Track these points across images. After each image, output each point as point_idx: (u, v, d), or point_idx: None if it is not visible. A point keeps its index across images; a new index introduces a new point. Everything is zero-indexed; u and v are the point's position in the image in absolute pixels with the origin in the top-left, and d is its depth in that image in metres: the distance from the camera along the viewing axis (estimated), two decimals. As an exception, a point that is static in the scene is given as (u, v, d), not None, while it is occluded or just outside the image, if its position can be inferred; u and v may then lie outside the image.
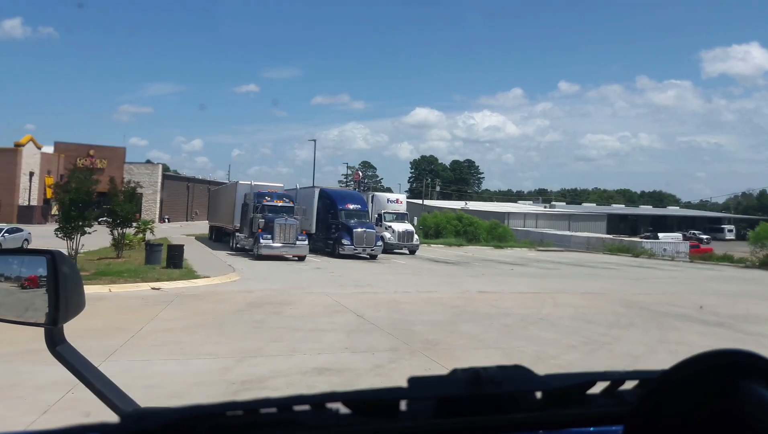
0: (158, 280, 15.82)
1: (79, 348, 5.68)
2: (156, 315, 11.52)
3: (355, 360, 8.72)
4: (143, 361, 8.17)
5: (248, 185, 30.97)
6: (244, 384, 7.28)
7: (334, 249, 28.71)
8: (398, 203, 36.91)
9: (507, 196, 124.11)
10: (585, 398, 0.87)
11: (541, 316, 13.19)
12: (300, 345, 9.54)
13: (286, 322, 11.50)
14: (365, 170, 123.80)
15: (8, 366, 7.60)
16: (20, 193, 48.96)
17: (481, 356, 9.33)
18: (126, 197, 22.14)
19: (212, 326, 10.94)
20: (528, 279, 21.69)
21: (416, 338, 10.44)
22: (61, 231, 17.71)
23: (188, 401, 3.22)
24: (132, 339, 9.40)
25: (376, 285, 17.99)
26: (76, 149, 56.54)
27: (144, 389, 6.86)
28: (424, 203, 64.65)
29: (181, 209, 66.46)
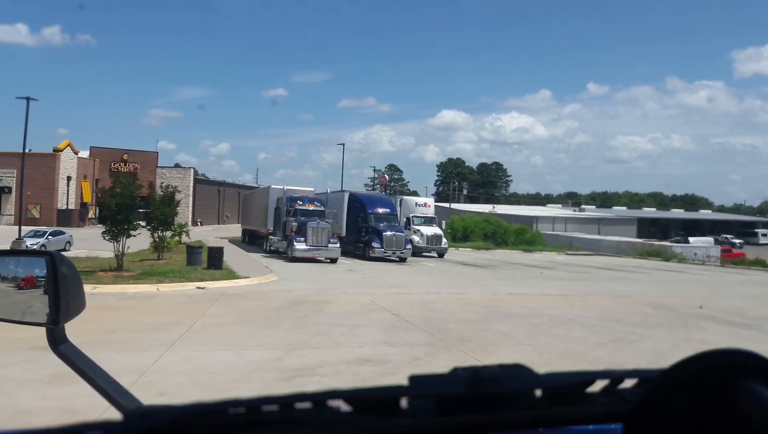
0: (202, 280, 16.68)
1: (141, 340, 6.84)
2: (205, 312, 12.30)
3: (394, 353, 9.33)
4: (202, 351, 8.90)
5: (281, 189, 31.80)
6: (296, 371, 7.95)
7: (365, 252, 29.39)
8: (426, 207, 37.46)
9: (535, 199, 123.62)
10: (585, 396, 0.87)
11: (570, 316, 13.64)
12: (342, 339, 10.19)
13: (327, 319, 12.17)
14: (392, 173, 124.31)
15: (89, 354, 8.35)
16: (59, 197, 50.66)
17: (513, 352, 9.86)
18: (165, 201, 23.08)
19: (259, 321, 11.68)
20: (557, 282, 22.07)
21: (450, 334, 11.01)
22: (108, 233, 18.68)
23: (248, 386, 4.16)
24: (187, 333, 10.14)
25: (408, 286, 18.59)
26: (111, 154, 58.38)
27: (208, 375, 7.63)
28: (451, 207, 65.03)
29: (213, 212, 67.91)
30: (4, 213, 49.50)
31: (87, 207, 53.87)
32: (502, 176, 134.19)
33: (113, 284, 15.24)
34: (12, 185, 49.23)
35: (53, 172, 49.77)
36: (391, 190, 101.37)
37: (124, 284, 15.31)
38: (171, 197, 23.24)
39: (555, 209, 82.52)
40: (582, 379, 0.86)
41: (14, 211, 48.95)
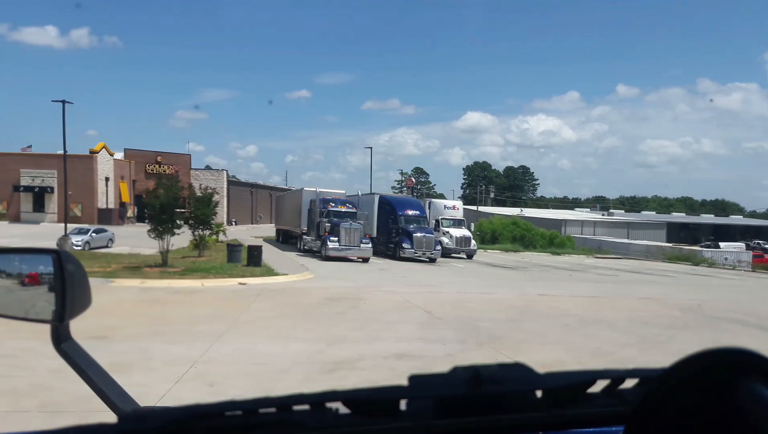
0: (243, 276, 17.43)
1: (191, 332, 7.73)
2: (249, 306, 12.97)
3: (429, 349, 9.82)
4: (248, 343, 9.51)
5: (313, 191, 32.59)
6: (336, 364, 8.49)
7: (395, 252, 29.99)
8: (455, 210, 37.96)
9: (563, 203, 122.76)
10: (586, 397, 0.87)
11: (599, 318, 13.96)
12: (379, 334, 10.73)
13: (363, 315, 12.73)
14: (418, 176, 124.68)
15: (139, 344, 9.05)
16: (98, 197, 52.31)
17: (543, 350, 10.27)
18: (204, 201, 23.92)
19: (300, 316, 12.30)
20: (586, 284, 22.30)
21: (482, 332, 11.47)
22: (153, 232, 19.56)
23: (293, 377, 4.94)
24: (233, 325, 10.79)
25: (439, 286, 19.06)
26: (145, 156, 59.99)
27: (255, 366, 8.22)
28: (478, 210, 65.18)
29: (246, 212, 69.22)
30: (47, 212, 51.32)
31: (125, 206, 55.52)
32: (529, 180, 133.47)
33: (160, 279, 16.08)
34: (54, 185, 51.09)
35: (91, 173, 51.39)
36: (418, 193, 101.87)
37: (170, 280, 16.14)
38: (209, 197, 24.08)
39: (583, 212, 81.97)
40: (583, 379, 0.86)
41: (56, 210, 50.85)
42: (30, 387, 6.57)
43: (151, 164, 59.30)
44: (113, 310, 11.58)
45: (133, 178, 58.23)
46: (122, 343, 8.86)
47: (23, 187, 51.47)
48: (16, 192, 51.47)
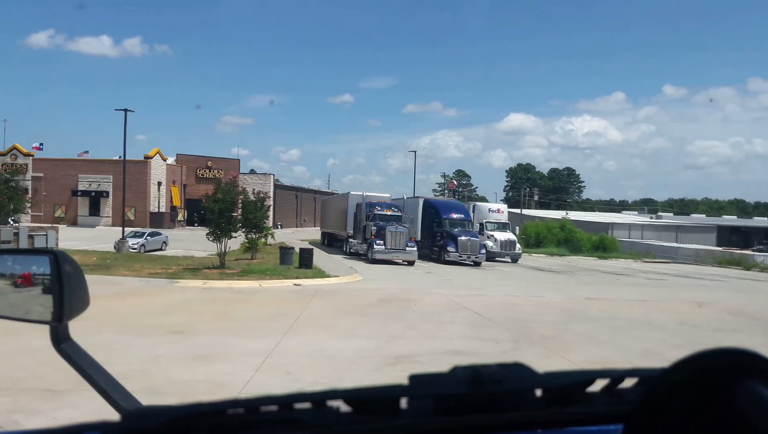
0: (297, 278, 18.20)
1: (259, 328, 8.76)
2: (307, 305, 13.63)
3: (483, 347, 10.25)
4: (313, 338, 10.14)
5: (360, 195, 33.23)
6: (398, 358, 9.02)
7: (440, 256, 30.33)
8: (500, 213, 38.07)
9: (609, 205, 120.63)
10: (585, 396, 0.88)
11: (647, 320, 14.13)
12: (433, 333, 11.22)
13: (416, 315, 13.24)
14: (460, 178, 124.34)
15: (215, 338, 9.77)
16: (151, 201, 54.28)
17: (593, 350, 10.60)
18: (256, 206, 24.81)
19: (356, 315, 12.90)
20: (634, 288, 22.29)
21: (533, 333, 11.83)
22: (212, 235, 20.52)
23: (361, 368, 5.70)
24: (296, 322, 11.44)
25: (486, 289, 19.42)
26: (196, 161, 61.89)
27: (324, 358, 8.82)
28: (522, 213, 64.94)
29: (291, 216, 70.59)
30: (102, 215, 53.55)
31: (176, 210, 57.46)
32: (575, 182, 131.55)
33: (220, 280, 16.95)
34: (109, 190, 53.28)
35: (145, 178, 53.36)
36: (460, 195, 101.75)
37: (230, 281, 16.99)
38: (262, 202, 24.97)
39: (631, 216, 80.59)
40: (582, 379, 0.86)
41: (111, 213, 53.04)
42: (129, 373, 7.29)
43: (201, 169, 61.18)
44: (183, 308, 12.40)
45: (184, 182, 60.20)
46: (200, 337, 9.61)
47: (81, 191, 53.75)
48: (74, 197, 53.81)
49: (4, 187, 27.97)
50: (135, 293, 14.71)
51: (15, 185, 29.01)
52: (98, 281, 16.64)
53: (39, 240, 21.66)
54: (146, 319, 11.27)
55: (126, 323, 10.62)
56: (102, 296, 13.81)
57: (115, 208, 52.30)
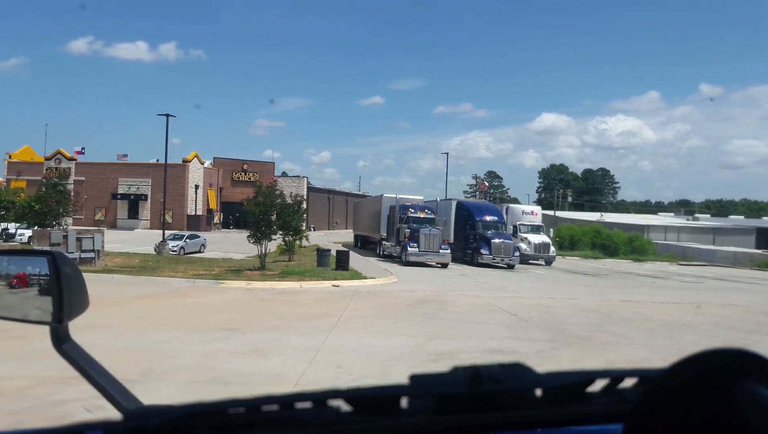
0: (335, 279, 18.73)
1: (305, 326, 9.51)
2: (347, 306, 14.11)
3: (520, 346, 10.57)
4: (356, 336, 10.59)
5: (393, 198, 33.68)
6: (439, 355, 9.41)
7: (473, 258, 30.53)
8: (533, 215, 38.05)
9: (645, 207, 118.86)
10: (585, 396, 0.88)
11: (683, 322, 14.23)
12: (471, 333, 11.57)
13: (452, 316, 13.60)
14: (491, 179, 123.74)
15: (266, 335, 10.30)
16: (188, 204, 55.61)
17: (629, 350, 10.81)
18: (294, 208, 25.43)
19: (394, 315, 13.32)
20: (669, 291, 22.25)
21: (569, 334, 12.08)
22: (253, 237, 21.21)
23: (405, 364, 6.25)
24: (339, 322, 11.91)
25: (521, 291, 19.64)
26: (232, 164, 63.12)
27: (369, 355, 9.27)
28: (555, 214, 64.58)
29: (324, 218, 71.46)
30: (141, 218, 55.05)
31: (212, 213, 58.76)
32: (609, 183, 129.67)
33: (262, 281, 17.58)
34: (148, 193, 54.77)
35: (183, 181, 54.67)
36: (491, 197, 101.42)
37: (271, 282, 17.62)
38: (299, 205, 25.59)
39: (666, 217, 79.38)
40: (582, 378, 0.87)
41: (149, 216, 54.54)
42: (194, 365, 7.86)
43: (237, 172, 62.40)
44: (232, 308, 13.01)
45: (220, 185, 61.51)
46: (252, 334, 10.16)
47: (120, 195, 55.30)
48: (113, 200, 55.40)
49: (53, 191, 29.13)
50: (184, 294, 15.41)
51: (63, 189, 30.14)
52: (147, 281, 17.45)
53: (86, 243, 22.55)
54: (199, 317, 11.91)
55: (181, 321, 11.26)
56: (153, 296, 14.57)
57: (153, 211, 53.85)
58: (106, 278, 17.64)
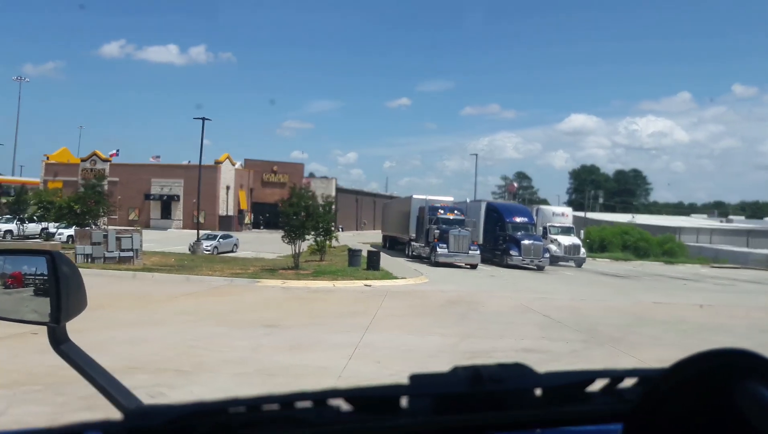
0: (367, 279, 19.10)
1: (341, 324, 10.13)
2: (380, 305, 14.42)
3: (554, 346, 10.75)
4: (392, 334, 10.90)
5: (422, 199, 33.86)
6: (473, 353, 9.65)
7: (502, 259, 30.57)
8: (564, 217, 37.90)
9: (678, 208, 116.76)
10: (585, 395, 0.88)
11: (716, 324, 14.21)
12: (503, 332, 11.78)
13: (484, 317, 13.82)
14: (520, 180, 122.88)
15: (305, 332, 10.68)
16: (220, 204, 56.63)
17: (661, 351, 10.88)
18: (325, 209, 25.87)
19: (427, 315, 13.60)
20: (702, 293, 22.08)
21: (601, 334, 12.22)
22: (287, 237, 21.70)
23: (441, 361, 6.60)
24: (374, 320, 12.22)
25: (551, 293, 19.74)
26: (262, 165, 64.05)
27: (405, 352, 9.56)
28: (586, 216, 64.05)
29: (351, 219, 72.01)
30: (173, 219, 56.24)
31: (243, 213, 59.76)
32: (641, 184, 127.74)
33: (297, 280, 18.02)
34: (180, 194, 55.94)
35: (215, 182, 55.65)
36: (520, 198, 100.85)
37: (305, 281, 18.05)
38: (330, 206, 26.03)
39: (699, 219, 78.09)
40: (582, 378, 0.87)
41: (182, 217, 55.69)
42: (240, 358, 8.26)
43: (267, 173, 63.34)
44: (270, 305, 13.44)
45: (251, 186, 62.50)
46: (292, 330, 10.56)
47: (153, 195, 56.58)
48: (146, 200, 56.69)
49: (92, 192, 30.09)
50: (223, 292, 15.92)
51: (101, 190, 31.10)
52: (187, 280, 18.03)
53: (125, 242, 23.25)
54: (240, 314, 12.36)
55: (223, 317, 11.74)
56: (195, 294, 15.11)
57: (186, 211, 55.02)
58: (147, 276, 18.28)
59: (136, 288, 16.01)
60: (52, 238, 34.58)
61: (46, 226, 35.95)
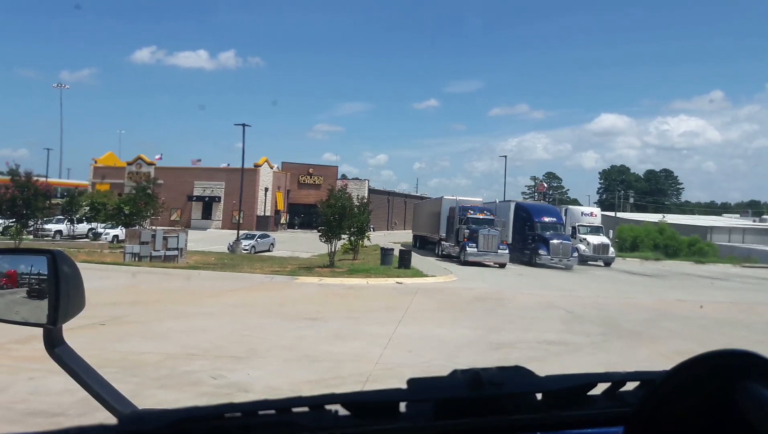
0: (398, 277, 20.05)
1: (376, 318, 11.89)
2: (411, 301, 15.33)
3: (575, 339, 11.50)
4: (423, 327, 11.79)
5: (453, 199, 34.69)
6: (499, 344, 10.49)
7: (531, 259, 31.17)
8: (593, 216, 38.32)
9: (710, 208, 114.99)
10: (586, 399, 0.88)
11: (736, 320, 14.75)
12: (528, 326, 12.56)
13: (510, 312, 14.60)
14: (550, 181, 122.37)
15: (343, 324, 11.63)
16: (258, 205, 58.33)
17: (678, 343, 11.55)
18: (360, 210, 26.87)
19: (456, 310, 14.45)
20: (727, 292, 22.45)
21: (622, 329, 12.91)
22: (324, 236, 22.83)
23: (471, 350, 7.96)
24: (406, 314, 13.13)
25: (578, 290, 20.37)
26: (298, 168, 65.69)
27: (437, 342, 10.43)
28: (616, 216, 63.89)
29: (383, 219, 73.01)
30: (213, 219, 58.17)
31: (280, 214, 61.48)
32: (673, 184, 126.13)
33: (333, 277, 19.07)
34: (221, 195, 57.90)
35: (254, 184, 57.34)
36: (550, 198, 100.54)
37: (341, 278, 19.09)
38: (365, 207, 27.03)
39: (732, 219, 77.01)
40: (583, 382, 0.87)
41: (221, 217, 57.55)
42: (287, 346, 9.26)
43: (303, 176, 65.08)
44: (309, 300, 14.45)
45: (288, 188, 64.21)
46: (331, 323, 11.53)
47: (195, 197, 58.58)
48: (189, 201, 58.68)
49: (143, 194, 31.68)
50: (265, 288, 17.02)
51: (151, 192, 32.68)
52: (231, 277, 19.21)
53: (171, 241, 24.62)
54: (283, 308, 13.42)
55: (268, 310, 12.81)
56: (241, 289, 16.26)
57: (225, 212, 56.96)
58: (193, 273, 19.52)
59: (185, 284, 17.24)
60: (99, 238, 36.37)
61: (93, 226, 37.77)
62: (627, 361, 9.51)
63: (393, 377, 7.64)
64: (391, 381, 7.37)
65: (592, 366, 8.89)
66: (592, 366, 8.83)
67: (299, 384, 7.06)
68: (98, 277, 16.64)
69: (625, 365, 8.00)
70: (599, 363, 9.16)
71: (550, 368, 4.68)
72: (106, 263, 21.36)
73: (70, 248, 27.45)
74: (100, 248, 29.44)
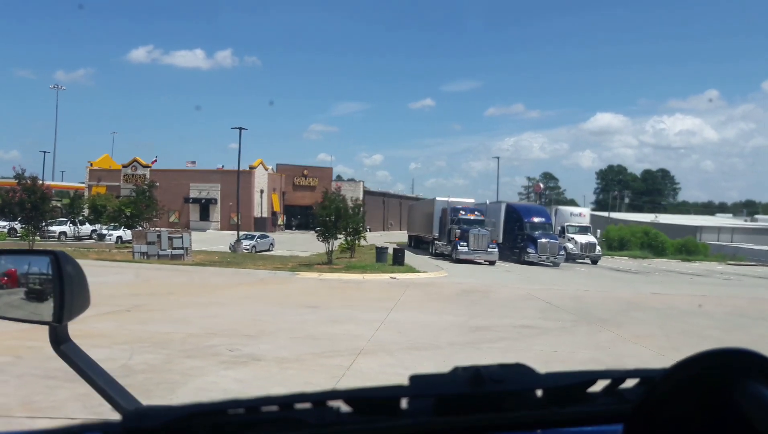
0: (392, 273, 21.45)
1: (371, 307, 14.20)
2: (403, 293, 16.69)
3: (547, 324, 12.84)
4: (412, 314, 13.16)
5: (445, 201, 36.13)
6: (478, 328, 11.83)
7: (520, 257, 32.58)
8: (581, 217, 39.78)
9: (707, 208, 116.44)
10: (586, 396, 0.88)
11: (701, 311, 16.09)
12: (507, 314, 13.92)
13: (493, 303, 15.98)
14: (546, 181, 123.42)
15: (341, 311, 13.01)
16: (255, 207, 59.58)
17: (639, 328, 12.91)
18: (355, 211, 28.23)
19: (443, 301, 15.82)
20: (703, 287, 23.83)
21: (592, 317, 14.26)
22: (321, 236, 24.19)
23: (452, 332, 9.81)
24: (397, 304, 14.49)
25: (560, 284, 21.76)
26: (293, 170, 66.98)
27: (424, 325, 11.80)
28: (609, 216, 65.34)
29: (378, 220, 74.38)
30: (211, 220, 59.40)
31: (276, 215, 62.76)
32: (669, 184, 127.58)
33: (331, 273, 20.48)
34: (217, 197, 59.04)
35: (250, 186, 58.57)
36: (547, 198, 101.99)
37: (338, 274, 20.49)
38: (359, 208, 28.41)
39: (723, 218, 78.53)
40: (583, 379, 0.87)
41: (219, 219, 58.81)
42: (291, 328, 10.63)
43: (298, 177, 66.32)
44: (310, 292, 15.82)
45: (283, 190, 65.47)
46: (330, 310, 12.92)
47: (192, 199, 59.70)
48: (186, 203, 59.82)
49: (143, 196, 33.06)
50: (269, 282, 18.43)
51: (150, 194, 34.04)
52: (236, 273, 20.61)
53: (176, 241, 25.98)
54: (287, 299, 14.84)
55: (274, 300, 14.23)
56: (247, 283, 17.66)
57: (223, 213, 58.20)
58: (200, 270, 20.93)
59: (195, 279, 18.60)
60: (104, 239, 37.70)
61: (96, 228, 39.10)
62: (588, 342, 10.86)
63: (382, 351, 9.02)
64: (381, 355, 8.79)
65: (555, 345, 10.32)
66: (556, 345, 10.26)
67: (302, 355, 8.43)
68: (114, 273, 18.01)
69: (586, 345, 9.41)
70: (562, 343, 10.56)
71: (518, 345, 8.15)
72: (117, 261, 22.73)
73: (79, 248, 28.77)
74: (108, 248, 30.78)
